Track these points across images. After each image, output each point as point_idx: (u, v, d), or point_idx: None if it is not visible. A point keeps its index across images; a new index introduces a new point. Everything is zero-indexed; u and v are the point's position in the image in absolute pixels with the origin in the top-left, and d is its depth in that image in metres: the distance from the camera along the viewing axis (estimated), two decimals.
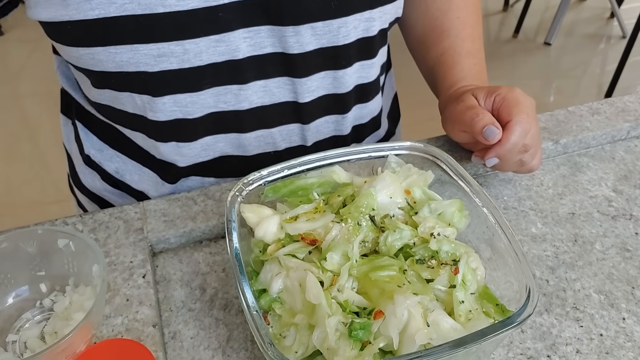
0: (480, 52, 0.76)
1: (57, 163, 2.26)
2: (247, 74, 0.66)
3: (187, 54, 0.61)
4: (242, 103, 0.68)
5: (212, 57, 0.63)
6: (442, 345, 0.45)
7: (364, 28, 0.67)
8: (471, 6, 0.78)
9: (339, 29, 0.65)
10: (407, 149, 0.62)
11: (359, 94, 0.75)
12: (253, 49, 0.64)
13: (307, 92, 0.69)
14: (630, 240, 0.70)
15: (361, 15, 0.66)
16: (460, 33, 0.76)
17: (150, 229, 0.66)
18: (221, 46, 0.62)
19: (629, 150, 0.83)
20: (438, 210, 0.57)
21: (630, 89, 2.68)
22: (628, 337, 0.60)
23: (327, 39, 0.66)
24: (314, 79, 0.69)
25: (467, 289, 0.52)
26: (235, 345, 0.58)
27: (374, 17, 0.67)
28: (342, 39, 0.66)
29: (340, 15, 0.64)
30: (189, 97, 0.66)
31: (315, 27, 0.64)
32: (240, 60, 0.64)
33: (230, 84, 0.66)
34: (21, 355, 0.55)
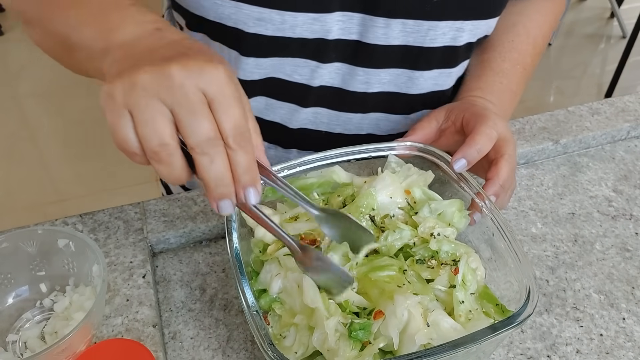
0: (515, 77, 0.75)
1: (57, 163, 2.26)
2: (329, 55, 0.68)
3: (284, 25, 0.63)
4: (314, 80, 0.70)
5: (305, 33, 0.65)
6: (442, 345, 0.45)
7: (452, 36, 0.68)
8: (532, 37, 0.77)
9: (427, 31, 0.66)
10: (407, 149, 0.62)
11: (429, 100, 0.76)
12: (342, 32, 0.66)
13: (377, 83, 0.71)
14: (630, 240, 0.70)
15: (453, 24, 0.67)
16: (504, 53, 0.76)
17: (150, 229, 0.66)
18: (316, 25, 0.64)
19: (629, 150, 0.83)
20: (438, 210, 0.57)
21: (630, 89, 2.67)
22: (628, 337, 0.60)
23: (413, 37, 0.67)
24: (388, 72, 0.71)
25: (467, 289, 0.52)
26: (235, 346, 0.58)
27: (464, 28, 0.68)
28: (428, 41, 0.68)
29: (433, 19, 0.65)
30: (271, 61, 0.68)
31: (406, 23, 0.65)
32: (328, 41, 0.66)
33: (313, 59, 0.68)
34: (21, 355, 0.54)
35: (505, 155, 0.61)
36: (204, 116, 0.42)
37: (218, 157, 0.43)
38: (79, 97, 2.57)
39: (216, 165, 0.43)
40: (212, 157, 0.42)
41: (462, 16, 0.66)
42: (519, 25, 0.77)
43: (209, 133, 0.42)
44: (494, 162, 0.61)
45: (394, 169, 0.61)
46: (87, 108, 2.53)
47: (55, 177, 2.22)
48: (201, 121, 0.42)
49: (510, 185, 0.63)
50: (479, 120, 0.61)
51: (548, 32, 0.80)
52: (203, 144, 0.42)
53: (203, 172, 0.43)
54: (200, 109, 0.42)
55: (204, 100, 0.42)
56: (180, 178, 0.44)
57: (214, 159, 0.43)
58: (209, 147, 0.42)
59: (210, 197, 0.44)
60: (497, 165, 0.60)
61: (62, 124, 2.45)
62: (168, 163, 0.43)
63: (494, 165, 0.61)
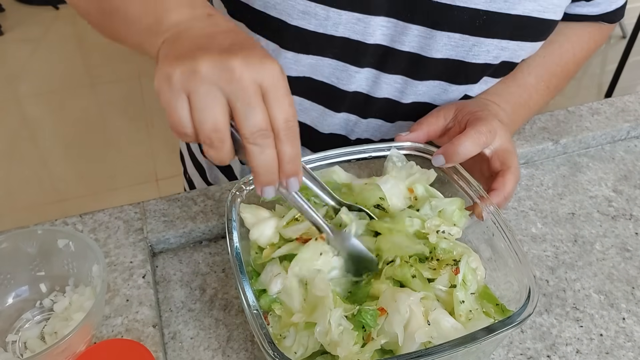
0: (536, 94, 0.74)
1: (57, 163, 2.26)
2: (368, 59, 0.68)
3: (328, 21, 0.63)
4: (350, 85, 0.70)
5: (347, 32, 0.64)
6: (443, 345, 0.46)
7: (495, 55, 0.67)
8: (563, 61, 0.76)
9: (472, 47, 0.66)
10: (408, 149, 0.62)
11: None
12: (384, 38, 0.66)
13: (413, 94, 0.71)
14: (630, 240, 0.70)
15: (499, 42, 0.66)
16: (532, 67, 0.75)
17: (150, 229, 0.66)
18: (360, 25, 0.64)
19: (628, 151, 0.83)
20: (439, 207, 0.57)
21: (630, 89, 2.67)
22: (628, 337, 0.60)
23: (457, 52, 0.66)
24: (426, 85, 0.70)
25: (468, 289, 0.52)
26: (235, 346, 0.58)
27: (508, 48, 0.67)
28: (471, 57, 0.67)
29: (480, 35, 0.65)
30: (310, 59, 0.68)
31: (451, 37, 0.65)
32: (369, 45, 0.66)
33: (350, 63, 0.68)
34: (21, 355, 0.54)
35: (512, 168, 0.61)
36: (259, 108, 0.44)
37: (268, 148, 0.45)
38: (79, 97, 2.58)
39: (265, 156, 0.46)
40: (263, 147, 0.45)
41: (509, 36, 0.66)
42: (556, 44, 0.76)
43: (261, 124, 0.44)
44: (501, 173, 0.61)
45: (396, 163, 0.61)
46: (88, 108, 2.53)
47: (55, 177, 2.22)
48: (256, 113, 0.44)
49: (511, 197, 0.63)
50: (473, 124, 0.61)
51: (582, 60, 0.78)
52: (256, 134, 0.44)
53: (253, 160, 0.46)
54: (256, 101, 0.44)
55: (259, 93, 0.44)
56: (225, 160, 0.47)
57: (264, 150, 0.45)
58: (261, 137, 0.45)
59: (256, 182, 0.48)
60: (504, 177, 0.60)
61: (63, 124, 2.45)
62: (218, 147, 0.45)
63: (501, 176, 0.60)
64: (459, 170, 0.60)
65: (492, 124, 0.61)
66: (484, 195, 0.57)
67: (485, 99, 0.71)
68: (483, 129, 0.60)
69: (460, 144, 0.59)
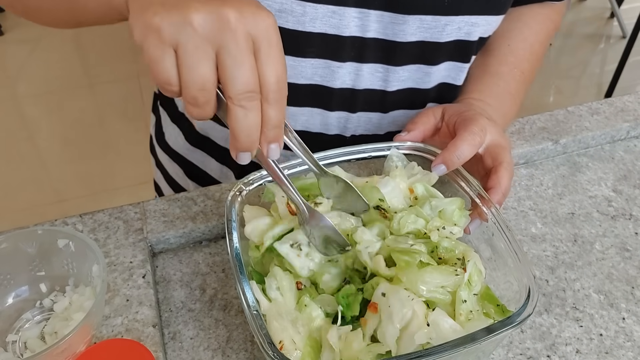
0: (513, 80, 0.75)
1: (57, 163, 2.26)
2: (347, 53, 0.68)
3: (305, 17, 0.63)
4: (335, 81, 0.70)
5: (324, 27, 0.64)
6: (442, 345, 0.46)
7: (466, 31, 0.69)
8: (528, 44, 0.78)
9: (444, 26, 0.67)
10: (408, 149, 0.62)
11: (441, 93, 0.76)
12: (358, 29, 0.66)
13: (396, 81, 0.71)
14: (629, 240, 0.70)
15: (468, 18, 0.67)
16: (501, 57, 0.76)
17: (150, 229, 0.66)
18: (335, 18, 0.64)
19: (628, 150, 0.83)
20: (439, 207, 0.57)
21: (630, 89, 2.67)
22: (628, 337, 0.60)
23: (430, 33, 0.67)
24: (406, 70, 0.71)
25: (472, 289, 0.52)
26: (235, 346, 0.58)
27: (478, 23, 0.69)
28: (444, 36, 0.68)
29: (450, 14, 0.66)
30: (292, 61, 0.67)
31: (423, 19, 0.66)
32: (345, 37, 0.66)
33: (331, 59, 0.68)
34: (21, 355, 0.54)
35: (504, 163, 0.60)
36: (249, 67, 0.41)
37: (252, 111, 0.42)
38: (79, 97, 2.58)
39: (249, 119, 0.42)
40: (247, 110, 0.42)
41: (477, 11, 0.67)
42: (516, 30, 0.78)
43: (249, 85, 0.41)
44: (494, 170, 0.61)
45: (396, 163, 0.61)
46: (87, 108, 2.53)
47: (55, 177, 2.22)
48: (245, 71, 0.41)
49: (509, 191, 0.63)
50: (464, 126, 0.61)
51: (545, 39, 0.80)
52: (241, 95, 0.41)
53: (234, 122, 0.42)
54: (247, 58, 0.41)
55: (251, 48, 0.41)
56: (206, 118, 0.44)
57: (248, 113, 0.42)
58: (247, 99, 0.42)
59: (233, 147, 0.44)
60: (498, 174, 0.60)
61: (62, 124, 2.45)
62: (202, 106, 0.42)
63: (494, 173, 0.60)
64: (459, 170, 0.60)
65: (481, 121, 0.61)
66: (484, 195, 0.57)
67: (468, 98, 0.72)
68: (475, 129, 0.60)
69: (457, 149, 0.59)
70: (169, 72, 0.41)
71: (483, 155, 0.62)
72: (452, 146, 0.59)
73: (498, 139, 0.62)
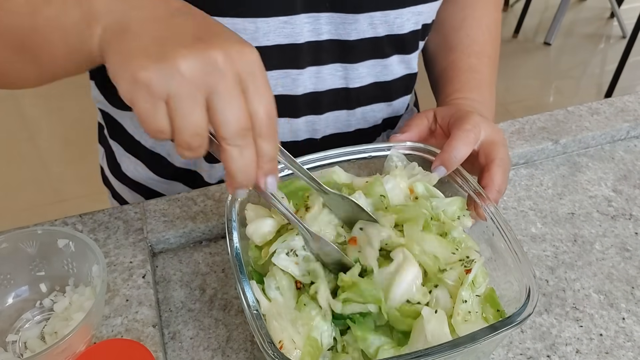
0: (485, 68, 0.76)
1: (57, 164, 2.26)
2: (304, 59, 0.68)
3: (258, 32, 0.63)
4: (297, 88, 0.70)
5: (278, 39, 0.64)
6: (442, 345, 0.46)
7: (414, 21, 0.71)
8: (484, 26, 0.79)
9: (394, 20, 0.68)
10: (408, 149, 0.62)
11: (404, 84, 0.78)
12: (311, 34, 0.66)
13: (357, 77, 0.72)
14: (629, 240, 0.70)
15: (415, 9, 0.69)
16: (466, 49, 0.77)
17: (150, 229, 0.66)
18: (287, 28, 0.64)
19: (628, 150, 0.83)
20: (439, 208, 0.57)
21: (630, 89, 2.67)
22: (628, 337, 0.60)
23: (382, 28, 0.69)
24: (364, 66, 0.72)
25: (475, 290, 0.52)
26: (234, 346, 0.58)
27: (422, 12, 0.70)
28: (395, 29, 0.70)
29: (398, 7, 0.67)
30: None
31: (373, 16, 0.67)
32: (300, 44, 0.66)
33: (290, 67, 0.68)
34: (21, 355, 0.54)
35: (497, 160, 0.60)
36: (240, 106, 0.41)
37: (247, 148, 0.42)
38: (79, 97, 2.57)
39: (245, 157, 0.42)
40: (243, 147, 0.41)
41: (422, 0, 0.69)
42: (468, 18, 0.79)
43: (242, 124, 0.41)
44: (486, 168, 0.60)
45: (396, 163, 0.61)
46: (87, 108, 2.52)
47: (55, 177, 2.21)
48: (237, 112, 0.40)
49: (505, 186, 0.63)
50: (457, 125, 0.61)
51: (497, 17, 0.81)
52: (235, 134, 0.41)
53: (230, 162, 0.42)
54: (237, 98, 0.40)
55: (240, 87, 0.41)
56: (197, 158, 0.43)
57: (244, 151, 0.42)
58: (241, 137, 0.41)
59: (230, 185, 0.44)
60: (490, 171, 0.60)
61: (62, 124, 2.45)
62: (195, 150, 0.42)
63: (487, 171, 0.60)
64: (458, 169, 0.60)
65: (474, 119, 0.61)
66: (483, 193, 0.57)
67: (452, 99, 0.73)
68: (468, 127, 0.60)
69: (453, 148, 0.59)
70: (162, 122, 0.40)
71: (477, 153, 0.62)
72: (447, 146, 0.59)
73: (491, 134, 0.62)
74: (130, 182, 0.85)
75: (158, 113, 0.40)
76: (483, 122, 0.62)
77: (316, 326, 0.50)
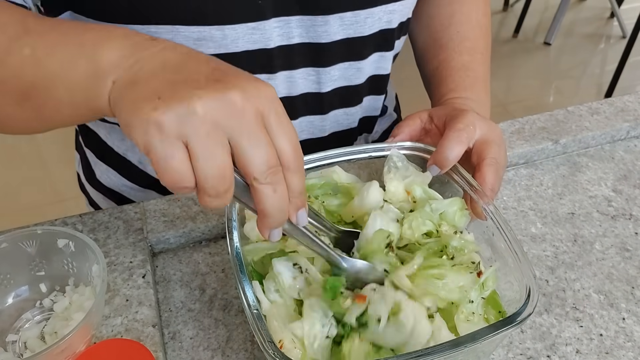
0: (479, 66, 0.75)
1: (57, 164, 2.26)
2: (276, 63, 0.67)
3: (225, 40, 0.62)
4: None
5: (247, 45, 0.64)
6: (443, 345, 0.45)
7: (387, 20, 0.69)
8: (474, 21, 0.78)
9: (365, 20, 0.67)
10: (408, 149, 0.62)
11: (373, 85, 0.77)
12: (282, 39, 0.66)
13: (329, 81, 0.71)
14: (629, 240, 0.70)
15: (385, 7, 0.68)
16: (457, 47, 0.76)
17: (150, 229, 0.66)
18: (256, 34, 0.63)
19: (628, 150, 0.83)
20: (439, 210, 0.57)
21: (630, 89, 2.67)
22: (628, 337, 0.60)
23: (353, 29, 0.68)
24: (336, 69, 0.71)
25: (482, 293, 0.52)
26: (234, 346, 0.58)
27: (395, 10, 0.69)
28: (367, 30, 0.68)
29: (368, 6, 0.66)
30: None
31: (343, 17, 0.66)
32: (271, 49, 0.65)
33: (261, 73, 0.67)
34: (21, 355, 0.55)
35: (488, 159, 0.59)
36: (266, 143, 0.39)
37: (280, 184, 0.40)
38: None
39: (278, 194, 0.40)
40: (275, 186, 0.40)
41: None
42: (457, 14, 0.78)
43: (271, 161, 0.39)
44: (477, 168, 0.60)
45: (396, 163, 0.61)
46: None
47: (55, 177, 2.21)
48: (264, 149, 0.39)
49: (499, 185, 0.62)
50: (450, 125, 0.61)
51: (486, 10, 0.80)
52: (266, 173, 0.39)
53: (265, 202, 0.40)
54: (262, 135, 0.39)
55: (263, 124, 0.39)
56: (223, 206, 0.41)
57: (277, 188, 0.40)
58: (272, 175, 0.40)
59: (266, 226, 0.42)
60: (481, 171, 0.59)
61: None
62: (222, 196, 0.39)
63: (478, 171, 0.59)
64: (456, 166, 0.60)
65: (468, 118, 0.61)
66: (479, 189, 0.57)
67: (447, 99, 0.72)
68: (460, 126, 0.60)
69: (446, 148, 0.59)
70: (181, 168, 0.37)
71: (471, 153, 0.62)
72: (440, 146, 0.59)
73: (487, 133, 0.61)
74: (104, 190, 0.84)
75: (176, 157, 0.37)
76: (479, 121, 0.61)
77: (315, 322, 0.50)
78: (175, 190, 0.39)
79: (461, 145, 0.59)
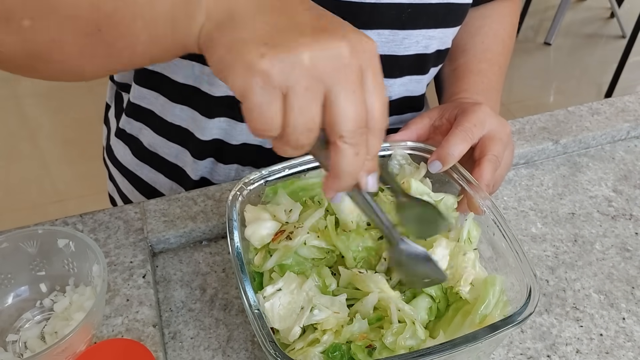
0: (495, 76, 0.76)
1: (57, 163, 2.26)
2: None
3: None
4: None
5: None
6: (443, 344, 0.46)
7: (424, 45, 0.70)
8: (499, 38, 0.79)
9: (402, 40, 0.67)
10: (408, 149, 0.62)
11: (404, 105, 0.77)
12: None
13: None
14: (630, 240, 0.70)
15: (426, 32, 0.68)
16: (478, 54, 0.77)
17: (150, 229, 0.66)
18: None
19: (628, 151, 0.83)
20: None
21: (630, 89, 2.67)
22: (628, 337, 0.60)
23: (389, 47, 0.68)
24: None
25: (472, 245, 0.53)
26: (235, 346, 0.58)
27: (435, 36, 0.70)
28: (402, 50, 0.69)
29: (408, 28, 0.67)
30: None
31: (381, 34, 0.66)
32: None
33: None
34: (21, 355, 0.54)
35: (489, 155, 0.59)
36: (362, 102, 0.37)
37: (362, 147, 0.38)
38: (79, 97, 2.57)
39: (358, 156, 0.38)
40: (358, 146, 0.38)
41: (434, 25, 0.69)
42: (485, 27, 0.79)
43: (361, 121, 0.38)
44: (477, 163, 0.60)
45: (400, 162, 0.61)
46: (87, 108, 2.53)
47: (55, 177, 2.21)
48: (359, 107, 0.37)
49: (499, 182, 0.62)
50: (459, 121, 0.60)
51: (513, 32, 0.82)
52: (354, 132, 0.37)
53: (343, 162, 0.38)
54: (360, 92, 0.37)
55: (362, 82, 0.37)
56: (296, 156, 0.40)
57: (360, 149, 0.38)
58: (358, 136, 0.38)
59: (333, 187, 0.40)
60: (480, 166, 0.59)
61: (62, 123, 2.44)
62: (301, 148, 0.38)
63: (477, 166, 0.59)
64: (457, 167, 0.60)
65: (478, 115, 0.61)
66: (475, 183, 0.57)
67: (458, 98, 0.72)
68: (467, 124, 0.60)
69: (450, 145, 0.58)
70: (275, 117, 0.37)
71: (475, 149, 0.62)
72: (444, 142, 0.59)
73: (494, 130, 0.61)
74: (120, 166, 0.85)
75: (273, 107, 0.36)
76: (490, 117, 0.61)
77: None
78: (258, 135, 0.38)
79: (465, 143, 0.59)
